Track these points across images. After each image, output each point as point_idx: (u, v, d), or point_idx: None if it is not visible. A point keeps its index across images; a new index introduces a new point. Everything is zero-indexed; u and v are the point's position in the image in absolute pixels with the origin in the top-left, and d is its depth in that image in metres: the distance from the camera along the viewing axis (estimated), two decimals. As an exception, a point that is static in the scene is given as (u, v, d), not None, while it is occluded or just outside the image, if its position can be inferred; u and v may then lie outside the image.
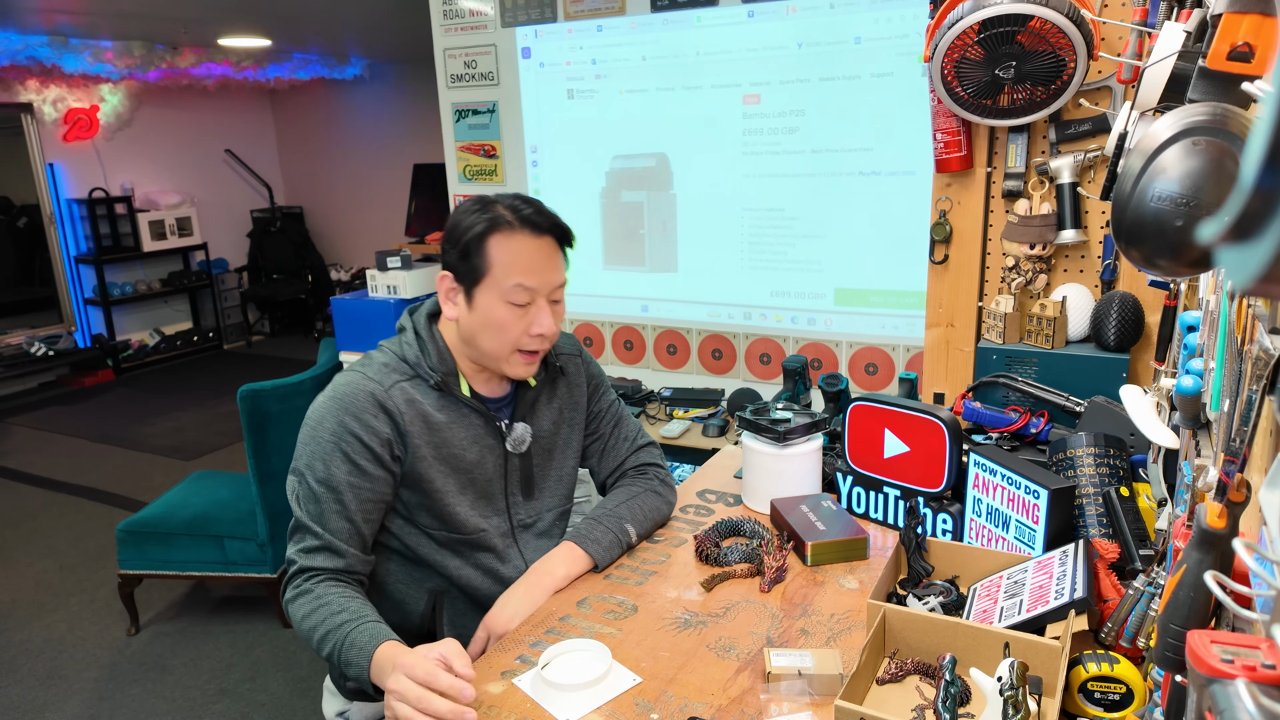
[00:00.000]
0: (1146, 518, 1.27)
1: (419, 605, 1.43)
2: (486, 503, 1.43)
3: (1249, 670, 0.46)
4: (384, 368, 1.36)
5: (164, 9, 4.82)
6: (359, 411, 1.31)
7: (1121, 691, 1.02)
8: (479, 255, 1.31)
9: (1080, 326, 1.84)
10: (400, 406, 1.33)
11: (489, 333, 1.34)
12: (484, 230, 1.31)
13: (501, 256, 1.31)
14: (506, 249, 1.31)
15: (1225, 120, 0.74)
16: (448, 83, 3.44)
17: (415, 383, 1.37)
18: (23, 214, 6.64)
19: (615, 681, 1.15)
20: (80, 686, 2.81)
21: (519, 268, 1.31)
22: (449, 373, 1.38)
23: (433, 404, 1.36)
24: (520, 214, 1.33)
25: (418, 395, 1.35)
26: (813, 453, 1.63)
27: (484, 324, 1.34)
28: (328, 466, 1.30)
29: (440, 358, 1.38)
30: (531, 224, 1.33)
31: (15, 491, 4.51)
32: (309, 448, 1.32)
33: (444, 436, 1.37)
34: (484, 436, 1.41)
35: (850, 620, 1.28)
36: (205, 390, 6.28)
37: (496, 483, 1.44)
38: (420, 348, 1.39)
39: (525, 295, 1.32)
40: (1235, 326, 0.73)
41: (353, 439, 1.30)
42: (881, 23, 2.67)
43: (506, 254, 1.31)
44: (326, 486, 1.29)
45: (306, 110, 7.92)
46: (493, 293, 1.32)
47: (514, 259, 1.31)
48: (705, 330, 3.20)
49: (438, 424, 1.36)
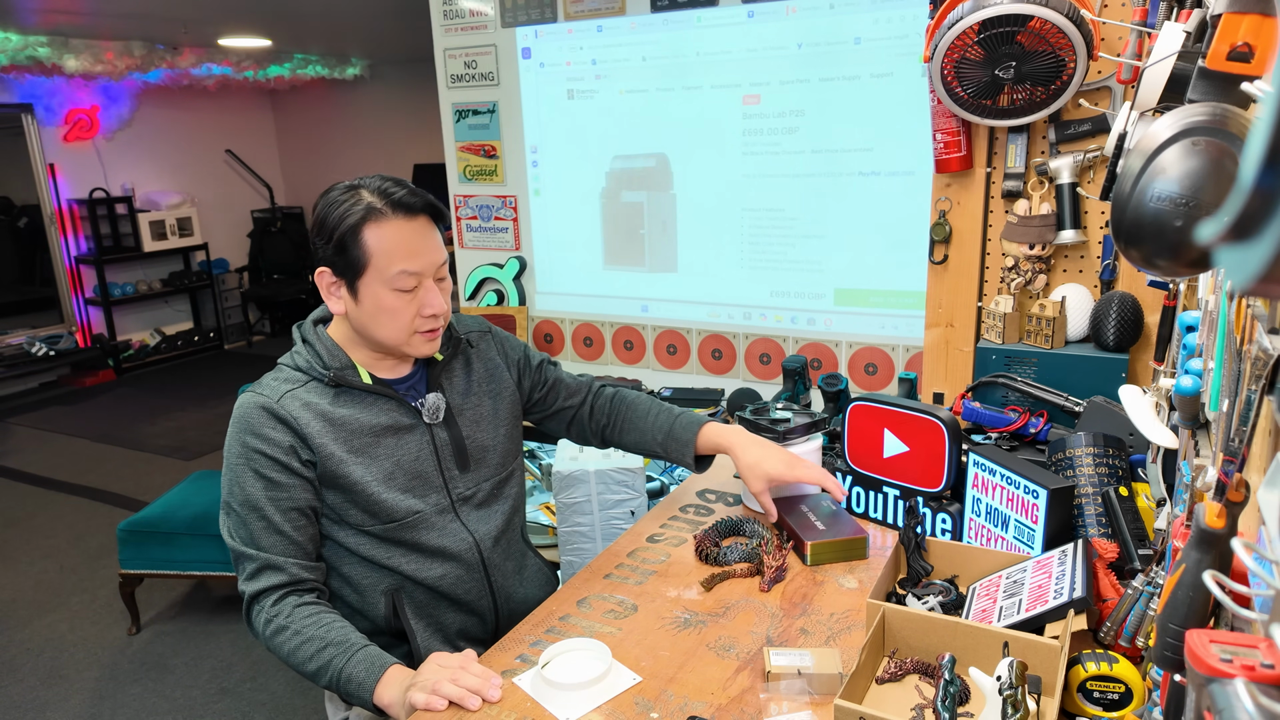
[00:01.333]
0: (1145, 517, 1.28)
1: (378, 609, 1.41)
2: (421, 482, 1.41)
3: (1248, 670, 0.46)
4: (274, 381, 1.37)
5: (164, 9, 4.82)
6: (256, 427, 1.31)
7: (1120, 691, 1.02)
8: (356, 247, 1.29)
9: (1080, 326, 1.84)
10: (294, 413, 1.32)
11: (382, 321, 1.33)
12: (358, 221, 1.29)
13: (380, 245, 1.29)
14: (384, 236, 1.29)
15: (1225, 120, 0.74)
16: (448, 83, 3.44)
17: (310, 387, 1.36)
18: (23, 214, 6.65)
19: (615, 681, 1.15)
20: (81, 686, 2.82)
21: (400, 254, 1.29)
22: (344, 367, 1.37)
23: (330, 401, 1.35)
24: (392, 198, 1.30)
25: (313, 398, 1.35)
26: (812, 453, 1.64)
27: (374, 314, 1.33)
28: (243, 488, 1.31)
29: (331, 355, 1.38)
30: (404, 206, 1.30)
31: (15, 491, 4.51)
32: (226, 476, 1.34)
33: (351, 428, 1.35)
34: (398, 418, 1.40)
35: (850, 620, 1.28)
36: (206, 390, 6.28)
37: (427, 459, 1.42)
38: (310, 353, 1.38)
39: (411, 280, 1.31)
40: (1234, 326, 0.73)
41: (257, 455, 1.31)
42: (881, 23, 2.67)
43: (385, 242, 1.29)
44: (248, 506, 1.31)
45: (307, 110, 7.92)
46: (377, 283, 1.30)
47: (394, 246, 1.29)
48: (705, 330, 3.20)
49: (341, 418, 1.35)
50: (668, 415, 1.63)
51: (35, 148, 6.29)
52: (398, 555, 1.40)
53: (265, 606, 1.29)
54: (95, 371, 6.55)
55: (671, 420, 1.62)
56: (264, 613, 1.29)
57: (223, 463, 1.36)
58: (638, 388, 3.19)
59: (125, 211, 6.73)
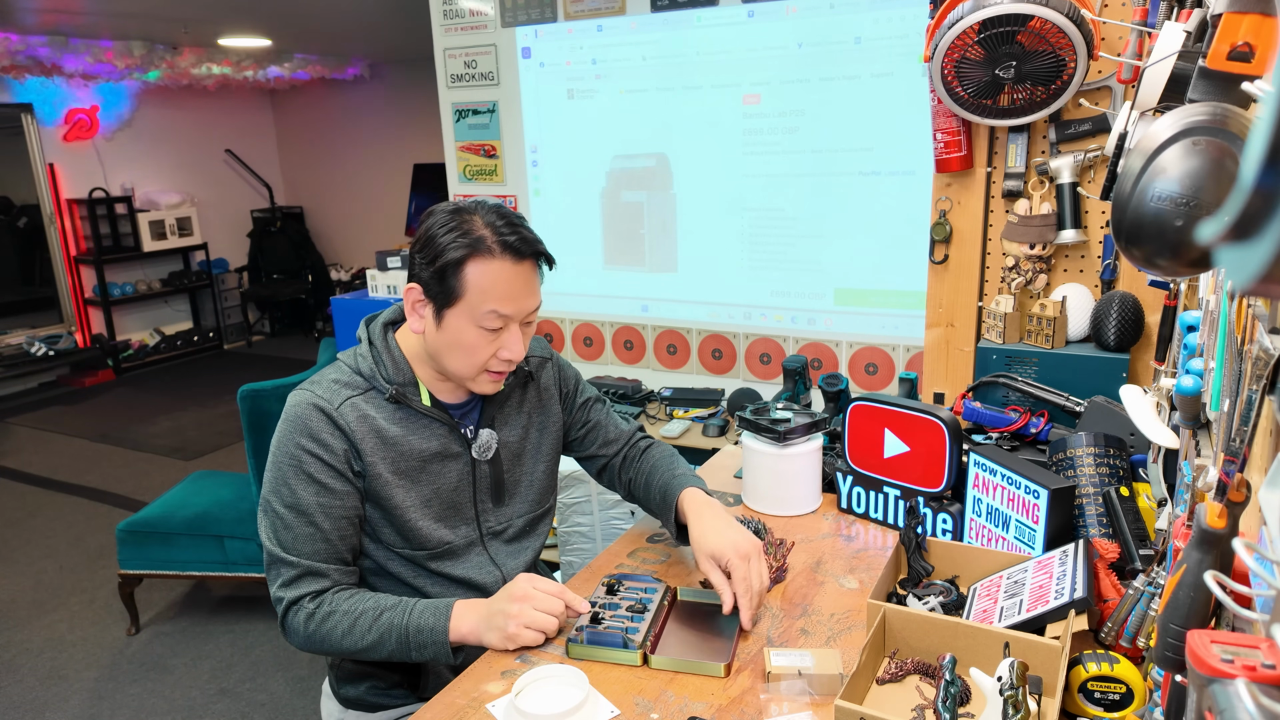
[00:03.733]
0: (1146, 518, 1.27)
1: None
2: (454, 512, 1.38)
3: (1249, 670, 0.46)
4: (334, 384, 1.32)
5: (164, 9, 4.82)
6: (313, 430, 1.28)
7: (1121, 691, 1.02)
8: (455, 279, 1.25)
9: (1080, 326, 1.84)
10: (351, 423, 1.29)
11: (457, 354, 1.30)
12: (463, 256, 1.25)
13: (479, 282, 1.25)
14: (485, 275, 1.25)
15: (1225, 120, 0.74)
16: (448, 83, 3.44)
17: (369, 396, 1.32)
18: (23, 214, 6.65)
19: (592, 711, 1.10)
20: (80, 686, 2.81)
21: (496, 295, 1.26)
22: (406, 384, 1.34)
23: (387, 417, 1.32)
24: (503, 239, 1.26)
25: (370, 410, 1.31)
26: (813, 453, 1.64)
27: (452, 345, 1.30)
28: (294, 491, 1.28)
29: (397, 368, 1.34)
30: (514, 250, 1.26)
31: (15, 491, 4.51)
32: (271, 475, 1.30)
33: (401, 450, 1.32)
34: (448, 445, 1.37)
35: (850, 620, 1.28)
36: (205, 390, 6.28)
37: (464, 490, 1.39)
38: (375, 359, 1.34)
39: (499, 321, 1.27)
40: (1235, 326, 0.73)
41: (311, 458, 1.28)
42: (881, 23, 2.67)
43: (485, 280, 1.25)
44: (296, 511, 1.28)
45: (306, 110, 7.92)
46: (464, 316, 1.27)
47: (492, 286, 1.26)
48: (705, 330, 3.20)
49: (393, 438, 1.32)
50: (666, 476, 1.50)
51: (35, 147, 6.29)
52: (424, 577, 1.38)
53: (304, 605, 1.27)
54: (95, 371, 6.55)
55: (666, 484, 1.48)
56: (304, 610, 1.27)
57: (269, 460, 1.31)
58: (638, 388, 3.20)
59: (125, 211, 6.73)
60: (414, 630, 1.24)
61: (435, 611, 1.25)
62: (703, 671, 1.17)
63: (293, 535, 1.28)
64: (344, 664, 1.44)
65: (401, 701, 1.44)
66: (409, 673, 1.42)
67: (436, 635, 1.23)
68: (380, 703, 1.44)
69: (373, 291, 4.18)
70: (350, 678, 1.44)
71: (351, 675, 1.44)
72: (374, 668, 1.42)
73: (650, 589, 1.33)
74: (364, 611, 1.25)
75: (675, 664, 1.19)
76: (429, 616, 1.24)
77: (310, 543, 1.28)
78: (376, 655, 1.26)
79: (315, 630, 1.26)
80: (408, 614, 1.25)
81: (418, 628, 1.24)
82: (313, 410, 1.29)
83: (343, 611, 1.26)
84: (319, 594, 1.28)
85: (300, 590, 1.27)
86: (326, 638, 1.26)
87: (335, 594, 1.28)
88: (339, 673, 1.46)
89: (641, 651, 1.19)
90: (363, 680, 1.43)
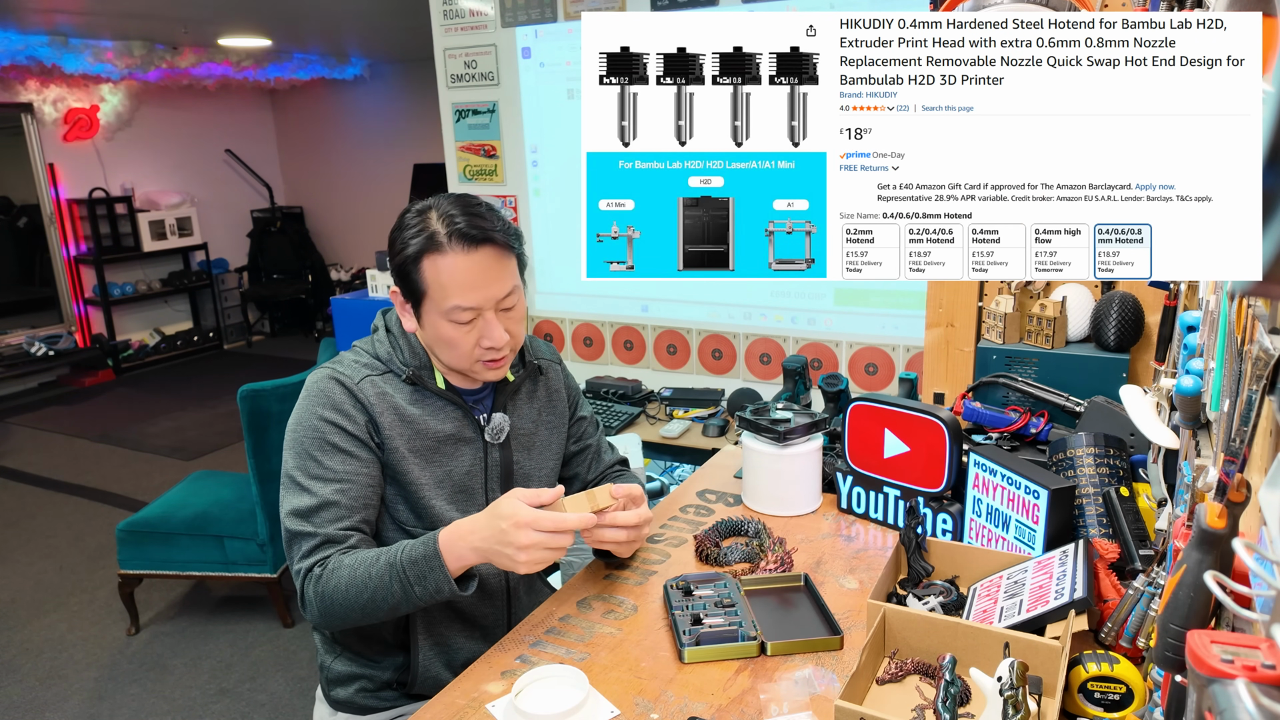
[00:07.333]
0: (1146, 518, 1.27)
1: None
2: (465, 497, 1.40)
3: (1249, 670, 0.46)
4: (354, 364, 1.36)
5: (164, 9, 4.82)
6: (336, 402, 1.30)
7: (1121, 691, 1.02)
8: (416, 276, 1.27)
9: (1080, 326, 1.84)
10: (370, 399, 1.32)
11: (443, 348, 1.33)
12: (417, 252, 1.26)
13: (437, 278, 1.26)
14: (441, 271, 1.26)
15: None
16: (448, 83, 3.44)
17: (387, 378, 1.35)
18: (23, 214, 6.65)
19: (592, 711, 1.10)
20: (80, 686, 2.81)
21: (455, 289, 1.26)
22: (422, 366, 1.37)
23: (405, 397, 1.35)
24: (453, 229, 1.25)
25: (388, 389, 1.34)
26: (813, 453, 1.64)
27: (435, 340, 1.33)
28: (319, 462, 1.29)
29: (413, 352, 1.38)
30: (464, 238, 1.25)
31: (15, 491, 4.51)
32: (293, 450, 1.32)
33: (418, 429, 1.35)
34: (462, 428, 1.39)
35: (850, 620, 1.28)
36: (205, 390, 6.28)
37: (475, 476, 1.41)
38: (392, 344, 1.38)
39: (467, 314, 1.28)
40: (1235, 326, 0.73)
41: (334, 429, 1.29)
42: (881, 23, 2.67)
43: (442, 275, 1.26)
44: (320, 480, 1.28)
45: (306, 110, 7.93)
46: (435, 313, 1.29)
47: (449, 280, 1.26)
48: (705, 330, 3.20)
49: (411, 416, 1.35)
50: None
51: (35, 147, 6.29)
52: None
53: (314, 570, 1.26)
54: (95, 371, 6.55)
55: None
56: (314, 575, 1.25)
57: (286, 436, 1.33)
58: (638, 388, 3.20)
59: (125, 211, 6.73)
60: (408, 563, 1.21)
61: (424, 541, 1.23)
62: (823, 647, 1.21)
63: (315, 503, 1.28)
64: (333, 665, 1.44)
65: (391, 704, 1.43)
66: (399, 670, 1.42)
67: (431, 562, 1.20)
68: (370, 705, 1.43)
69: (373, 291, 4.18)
70: (339, 680, 1.44)
71: (341, 677, 1.43)
72: (362, 667, 1.42)
73: (722, 583, 1.34)
74: (362, 560, 1.24)
75: (793, 646, 1.21)
76: (419, 547, 1.23)
77: (332, 510, 1.28)
78: (384, 607, 1.23)
79: (323, 591, 1.24)
80: (400, 550, 1.23)
81: (411, 559, 1.21)
82: (333, 384, 1.32)
83: (346, 566, 1.24)
84: (329, 558, 1.27)
85: (316, 557, 1.27)
86: (334, 596, 1.24)
87: (341, 554, 1.27)
88: (329, 674, 1.45)
89: (759, 641, 1.20)
90: (351, 682, 1.43)
